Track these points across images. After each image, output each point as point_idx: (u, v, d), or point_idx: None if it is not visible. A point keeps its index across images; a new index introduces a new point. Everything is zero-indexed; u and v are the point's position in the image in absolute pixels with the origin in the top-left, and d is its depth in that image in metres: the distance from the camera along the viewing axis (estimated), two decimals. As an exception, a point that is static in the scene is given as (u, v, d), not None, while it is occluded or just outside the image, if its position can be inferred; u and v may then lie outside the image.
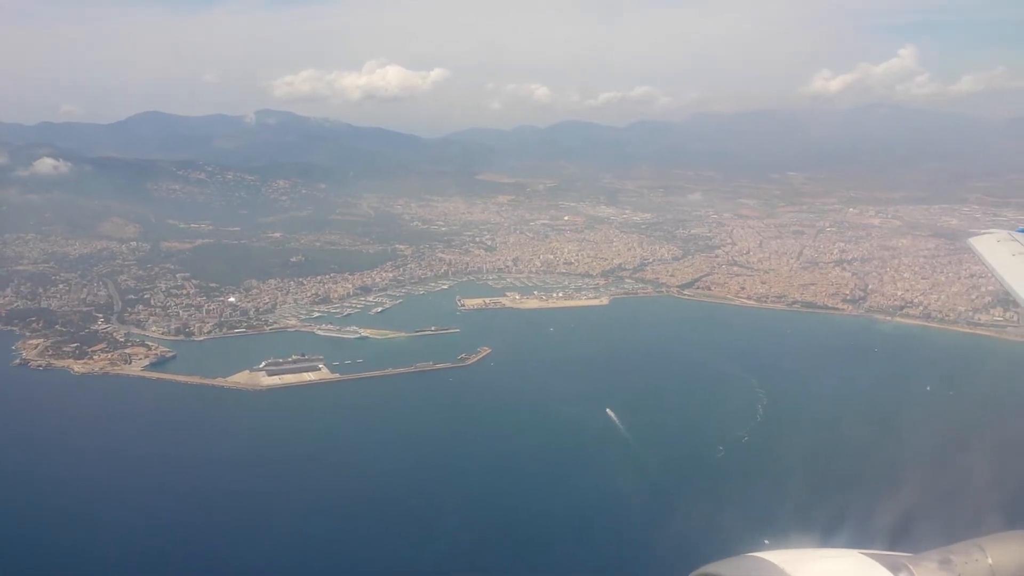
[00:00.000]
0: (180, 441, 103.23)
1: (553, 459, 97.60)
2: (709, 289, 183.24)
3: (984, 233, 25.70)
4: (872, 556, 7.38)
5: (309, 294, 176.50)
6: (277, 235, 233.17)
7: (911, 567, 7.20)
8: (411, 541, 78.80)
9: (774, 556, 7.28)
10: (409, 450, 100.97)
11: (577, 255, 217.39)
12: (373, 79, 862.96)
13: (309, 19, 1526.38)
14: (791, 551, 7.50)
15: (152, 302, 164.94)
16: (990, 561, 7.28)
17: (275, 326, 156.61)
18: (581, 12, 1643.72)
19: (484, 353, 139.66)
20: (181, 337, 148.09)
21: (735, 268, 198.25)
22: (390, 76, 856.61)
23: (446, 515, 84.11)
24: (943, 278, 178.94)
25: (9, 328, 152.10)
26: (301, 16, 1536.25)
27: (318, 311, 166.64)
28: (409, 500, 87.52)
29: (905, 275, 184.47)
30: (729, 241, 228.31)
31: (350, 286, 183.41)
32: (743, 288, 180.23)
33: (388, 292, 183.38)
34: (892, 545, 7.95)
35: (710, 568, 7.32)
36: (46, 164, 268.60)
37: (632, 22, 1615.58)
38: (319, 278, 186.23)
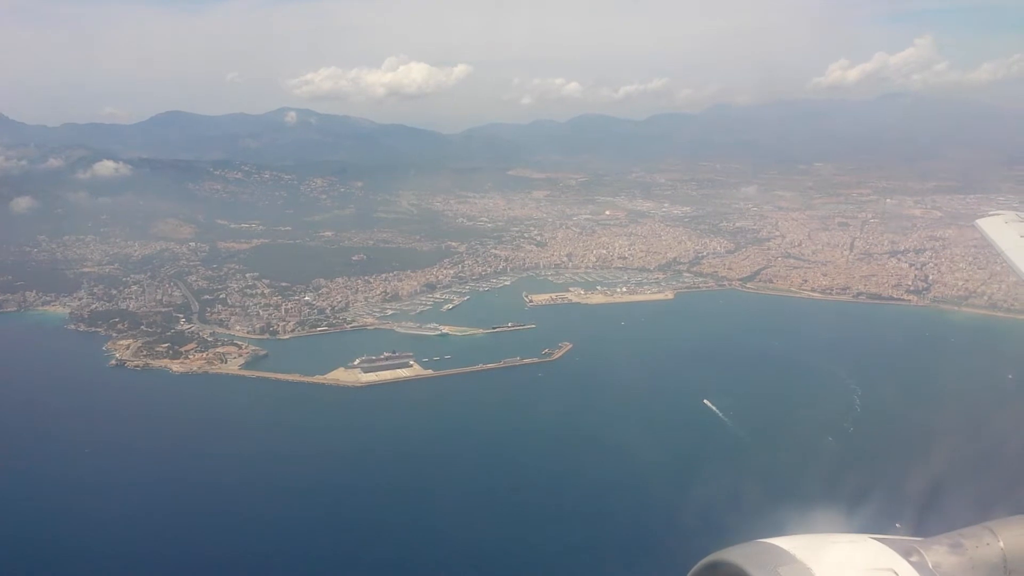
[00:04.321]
0: (317, 439, 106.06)
1: (669, 448, 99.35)
2: (771, 282, 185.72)
3: (993, 214, 25.82)
4: (883, 541, 7.48)
5: (378, 292, 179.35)
6: (329, 234, 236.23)
7: (922, 551, 7.27)
8: (561, 530, 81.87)
9: (784, 542, 7.37)
10: (533, 443, 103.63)
11: (629, 250, 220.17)
12: (398, 76, 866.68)
13: (326, 15, 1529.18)
14: (802, 537, 7.57)
15: (229, 302, 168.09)
16: (1001, 544, 7.34)
17: (354, 324, 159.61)
18: (598, 4, 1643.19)
19: (566, 348, 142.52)
20: (266, 336, 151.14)
21: (790, 261, 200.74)
22: (415, 73, 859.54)
23: (586, 506, 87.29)
24: (999, 268, 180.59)
25: (93, 330, 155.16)
26: (318, 12, 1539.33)
27: (391, 309, 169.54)
28: (554, 490, 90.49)
29: (961, 265, 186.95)
30: (777, 234, 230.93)
31: (415, 284, 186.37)
32: (806, 281, 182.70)
33: (453, 289, 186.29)
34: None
35: (720, 555, 7.35)
36: (107, 167, 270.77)
37: (650, 14, 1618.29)
38: (383, 276, 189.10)
